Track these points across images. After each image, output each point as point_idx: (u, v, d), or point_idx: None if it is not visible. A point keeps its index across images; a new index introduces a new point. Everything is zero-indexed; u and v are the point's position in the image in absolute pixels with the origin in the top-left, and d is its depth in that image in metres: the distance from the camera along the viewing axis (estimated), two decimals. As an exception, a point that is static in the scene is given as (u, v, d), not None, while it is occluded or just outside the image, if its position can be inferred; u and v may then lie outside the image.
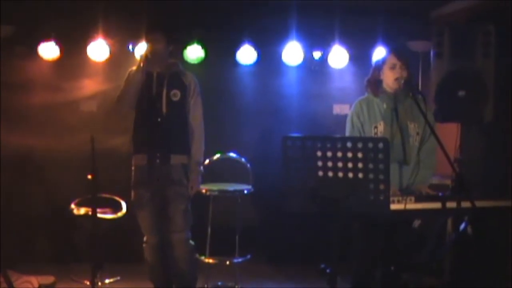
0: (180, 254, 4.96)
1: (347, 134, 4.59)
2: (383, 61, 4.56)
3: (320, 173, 3.57)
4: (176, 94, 4.88)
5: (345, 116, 4.73)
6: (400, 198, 4.00)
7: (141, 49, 5.85)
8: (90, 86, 6.53)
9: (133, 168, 4.98)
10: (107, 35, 6.27)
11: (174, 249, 4.94)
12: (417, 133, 4.46)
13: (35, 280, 5.58)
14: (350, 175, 3.52)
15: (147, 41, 4.86)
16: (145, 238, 5.03)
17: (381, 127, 4.47)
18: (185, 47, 6.39)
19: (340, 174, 3.53)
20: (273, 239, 6.71)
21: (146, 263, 5.10)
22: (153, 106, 4.84)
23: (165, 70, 4.89)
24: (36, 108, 6.40)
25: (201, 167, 5.08)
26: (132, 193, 4.98)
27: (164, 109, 4.84)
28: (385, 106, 4.50)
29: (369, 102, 4.56)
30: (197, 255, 5.35)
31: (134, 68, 4.90)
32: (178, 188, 4.91)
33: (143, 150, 4.90)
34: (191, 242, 5.04)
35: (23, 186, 6.48)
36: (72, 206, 5.77)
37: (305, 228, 6.29)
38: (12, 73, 6.24)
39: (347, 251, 4.14)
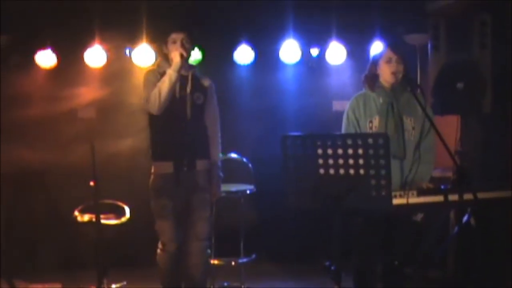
0: (196, 263, 4.79)
1: (343, 130, 4.55)
2: (380, 56, 4.54)
3: (321, 171, 3.55)
4: (199, 97, 4.70)
5: (345, 112, 4.71)
6: (402, 193, 3.99)
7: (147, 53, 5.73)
8: (88, 92, 6.49)
9: (152, 176, 4.74)
10: (104, 41, 6.25)
11: (191, 257, 4.77)
12: (413, 128, 4.41)
13: (42, 288, 5.62)
14: (351, 171, 3.51)
15: (173, 41, 4.58)
16: (160, 245, 4.76)
17: (376, 122, 4.44)
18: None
19: (341, 171, 3.52)
20: (277, 238, 6.71)
21: (159, 270, 4.81)
22: (178, 110, 4.62)
23: (187, 73, 4.70)
24: (35, 116, 6.34)
25: (221, 172, 4.94)
26: (153, 202, 4.72)
27: (188, 113, 4.64)
28: (381, 100, 4.45)
29: (365, 97, 4.53)
30: (210, 262, 5.26)
31: (151, 68, 4.82)
32: (202, 194, 4.75)
33: (167, 157, 4.65)
34: (208, 250, 4.90)
35: (26, 195, 6.48)
36: (76, 213, 5.76)
37: (309, 226, 6.29)
38: (9, 83, 6.23)
39: (350, 248, 4.14)
